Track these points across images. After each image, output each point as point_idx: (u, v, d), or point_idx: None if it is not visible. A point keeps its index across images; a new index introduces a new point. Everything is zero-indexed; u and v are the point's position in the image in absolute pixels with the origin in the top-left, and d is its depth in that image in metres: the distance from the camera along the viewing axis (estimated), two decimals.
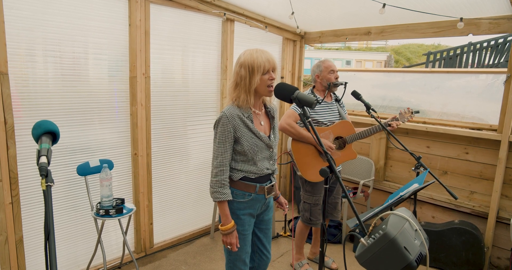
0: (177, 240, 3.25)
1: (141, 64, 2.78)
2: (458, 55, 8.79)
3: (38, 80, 2.31)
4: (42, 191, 0.79)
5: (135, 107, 2.78)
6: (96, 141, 2.63)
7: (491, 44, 8.29)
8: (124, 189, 2.85)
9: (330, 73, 2.61)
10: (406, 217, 1.29)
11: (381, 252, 1.21)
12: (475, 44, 8.49)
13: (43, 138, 0.91)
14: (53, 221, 0.77)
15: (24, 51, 2.23)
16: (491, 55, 8.33)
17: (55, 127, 0.95)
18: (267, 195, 1.88)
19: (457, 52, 8.81)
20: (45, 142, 0.89)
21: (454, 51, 8.94)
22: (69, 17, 2.37)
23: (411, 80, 4.02)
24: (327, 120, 2.63)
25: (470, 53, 8.60)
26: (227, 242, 1.76)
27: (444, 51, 9.32)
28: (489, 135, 2.86)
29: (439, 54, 9.30)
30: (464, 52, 8.69)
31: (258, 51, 1.74)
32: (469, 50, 8.55)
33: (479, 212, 3.00)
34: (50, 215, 0.77)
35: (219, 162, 1.74)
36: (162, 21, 2.90)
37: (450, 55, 8.99)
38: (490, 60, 8.28)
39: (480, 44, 8.42)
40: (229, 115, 1.71)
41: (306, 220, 2.66)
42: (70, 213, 2.55)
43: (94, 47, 2.54)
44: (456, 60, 8.80)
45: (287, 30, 3.93)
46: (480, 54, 8.47)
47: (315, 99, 1.61)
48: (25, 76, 2.25)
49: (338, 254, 3.13)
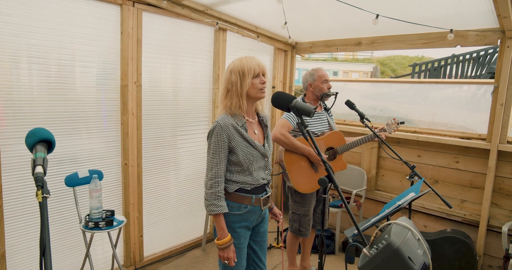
0: (168, 252, 3.16)
1: (132, 73, 2.73)
2: (442, 67, 9.04)
3: (23, 87, 2.24)
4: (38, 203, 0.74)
5: (126, 116, 2.73)
6: (84, 151, 2.56)
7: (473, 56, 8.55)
8: (114, 200, 2.76)
9: (323, 82, 2.61)
10: (409, 226, 1.28)
11: (385, 263, 1.19)
12: (458, 56, 8.75)
13: (38, 146, 0.86)
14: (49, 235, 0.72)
15: (12, 58, 2.17)
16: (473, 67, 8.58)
17: (50, 135, 0.90)
18: (263, 206, 1.84)
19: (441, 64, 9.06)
20: (40, 150, 0.85)
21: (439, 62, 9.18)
22: (58, 24, 2.32)
23: (398, 90, 4.08)
24: (318, 130, 2.62)
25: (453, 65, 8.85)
26: (224, 257, 1.70)
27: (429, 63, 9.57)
28: (478, 144, 2.91)
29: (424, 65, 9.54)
30: (448, 63, 8.94)
31: (247, 57, 1.73)
32: (452, 61, 8.81)
33: (470, 220, 3.02)
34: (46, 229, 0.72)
35: (213, 174, 1.69)
36: (155, 29, 2.88)
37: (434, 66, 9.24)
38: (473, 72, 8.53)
39: (463, 56, 8.68)
40: (223, 124, 1.68)
41: (295, 230, 2.62)
42: (57, 226, 2.45)
43: (83, 55, 2.49)
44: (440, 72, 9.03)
45: (279, 40, 3.96)
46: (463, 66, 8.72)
47: (314, 108, 1.60)
48: (9, 83, 2.17)
49: (331, 265, 3.10)
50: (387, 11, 2.73)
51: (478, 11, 2.61)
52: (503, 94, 2.75)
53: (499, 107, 2.77)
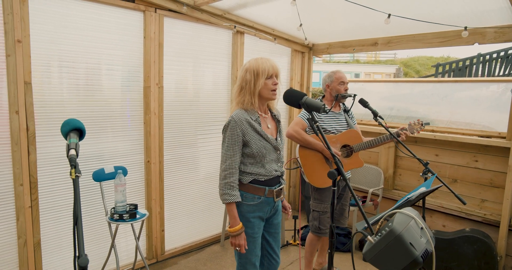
0: (188, 247, 3.29)
1: (154, 75, 2.89)
2: (468, 66, 8.78)
3: (56, 89, 2.44)
4: (72, 180, 0.86)
5: (149, 116, 2.89)
6: (110, 149, 2.73)
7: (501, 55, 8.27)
8: (138, 196, 2.92)
9: (340, 84, 2.66)
10: (412, 215, 1.33)
11: (387, 249, 1.24)
12: (484, 55, 8.48)
13: (71, 134, 1.00)
14: (80, 208, 0.84)
15: (46, 62, 2.37)
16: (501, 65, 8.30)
17: (81, 124, 1.04)
18: (276, 198, 1.92)
19: (466, 64, 8.81)
20: (73, 137, 0.98)
21: (463, 62, 8.94)
22: (86, 30, 2.51)
23: (419, 91, 4.04)
24: (333, 128, 2.67)
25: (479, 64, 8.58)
26: (236, 244, 1.80)
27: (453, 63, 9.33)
28: (498, 142, 2.86)
29: (448, 65, 9.31)
30: (473, 63, 8.68)
31: (263, 58, 1.84)
32: (478, 61, 8.55)
33: (491, 220, 2.97)
34: (78, 203, 0.84)
35: (228, 165, 1.80)
36: (175, 34, 3.03)
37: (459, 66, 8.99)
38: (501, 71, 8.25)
39: (489, 55, 8.41)
40: (238, 119, 1.79)
41: (315, 229, 2.66)
42: (85, 218, 2.63)
43: (109, 59, 2.67)
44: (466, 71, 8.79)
45: (296, 42, 4.04)
46: (489, 65, 8.44)
47: (323, 104, 1.68)
48: (46, 86, 2.38)
49: (348, 262, 3.12)
50: (401, 11, 2.76)
51: (495, 8, 2.59)
52: None
53: None
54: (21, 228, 2.28)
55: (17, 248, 2.29)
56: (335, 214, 2.75)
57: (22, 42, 2.21)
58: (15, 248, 2.29)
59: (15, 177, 2.24)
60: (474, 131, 3.14)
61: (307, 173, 2.53)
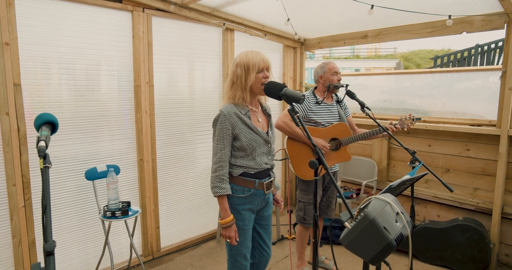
0: (184, 244, 3.32)
1: (144, 74, 2.92)
2: (466, 58, 8.74)
3: (49, 90, 2.48)
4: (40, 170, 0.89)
5: (140, 114, 2.92)
6: (103, 148, 2.77)
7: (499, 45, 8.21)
8: (131, 194, 2.96)
9: (333, 74, 2.66)
10: (388, 200, 1.34)
11: (362, 233, 1.26)
12: (482, 46, 8.43)
13: (43, 127, 1.04)
14: (49, 197, 0.87)
15: (36, 64, 2.41)
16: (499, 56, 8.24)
17: (53, 118, 1.07)
18: (266, 190, 1.94)
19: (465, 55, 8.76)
20: (45, 130, 1.02)
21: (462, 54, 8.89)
22: (76, 32, 2.55)
23: (418, 84, 4.00)
24: (325, 121, 2.67)
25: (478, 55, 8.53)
26: (226, 236, 1.82)
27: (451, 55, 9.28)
28: (488, 130, 2.86)
29: (446, 57, 9.27)
30: (471, 54, 8.64)
31: (253, 52, 1.85)
32: (476, 52, 8.50)
33: (484, 208, 2.97)
34: (47, 192, 0.87)
35: (218, 158, 1.82)
36: (165, 33, 3.06)
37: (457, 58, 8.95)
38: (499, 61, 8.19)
39: (487, 45, 8.36)
40: (227, 113, 1.81)
41: (300, 219, 2.68)
42: (80, 217, 2.67)
43: (100, 59, 2.70)
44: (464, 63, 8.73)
45: (287, 38, 4.05)
46: (488, 56, 8.39)
47: (302, 95, 1.69)
48: (36, 87, 2.42)
49: (342, 255, 3.14)
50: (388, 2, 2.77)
51: None
52: (511, 78, 2.71)
53: (508, 91, 2.72)
54: (15, 228, 2.32)
55: (12, 247, 2.33)
56: (322, 206, 2.80)
57: (10, 44, 2.24)
58: (10, 247, 2.33)
59: (7, 177, 2.28)
60: (465, 120, 3.14)
61: (294, 164, 2.55)
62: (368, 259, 1.28)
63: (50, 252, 0.80)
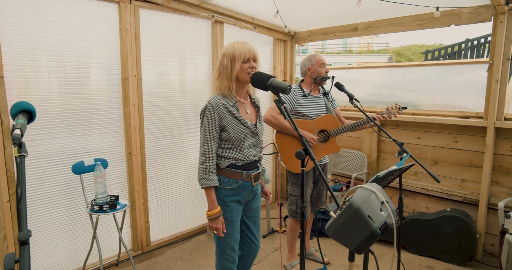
0: (174, 238, 3.31)
1: (132, 66, 2.88)
2: (456, 52, 8.80)
3: (37, 83, 2.43)
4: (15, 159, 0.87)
5: (128, 107, 2.88)
6: (92, 142, 2.72)
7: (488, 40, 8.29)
8: (120, 188, 2.93)
9: (321, 66, 2.66)
10: (373, 189, 1.34)
11: (347, 222, 1.26)
12: (472, 41, 8.51)
13: (19, 115, 1.01)
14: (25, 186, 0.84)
15: (24, 56, 2.35)
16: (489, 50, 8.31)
17: (30, 106, 1.04)
18: (254, 182, 1.93)
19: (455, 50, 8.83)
20: (21, 118, 0.99)
21: (452, 48, 8.95)
22: (62, 24, 2.49)
23: (410, 78, 4.03)
24: (313, 114, 2.67)
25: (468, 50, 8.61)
26: (213, 227, 1.81)
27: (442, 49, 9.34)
28: (476, 122, 2.89)
29: (437, 52, 9.32)
30: (462, 49, 8.70)
31: (239, 42, 1.83)
32: (466, 46, 8.57)
33: (471, 199, 3.01)
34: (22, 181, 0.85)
35: (205, 150, 1.81)
36: (154, 25, 3.02)
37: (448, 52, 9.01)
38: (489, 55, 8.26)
39: (477, 40, 8.44)
40: (214, 104, 1.79)
41: (293, 213, 2.69)
42: (69, 212, 2.63)
43: (86, 51, 2.65)
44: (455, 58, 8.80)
45: (277, 31, 4.03)
46: (478, 50, 8.47)
47: (288, 85, 1.68)
48: (26, 79, 2.37)
49: (332, 247, 3.15)
50: None
51: None
52: (498, 70, 2.73)
53: (495, 83, 2.75)
54: (0, 223, 2.29)
55: None
56: (312, 199, 2.80)
57: None
58: None
59: None
60: (453, 112, 3.17)
61: (284, 158, 2.55)
62: (353, 248, 1.28)
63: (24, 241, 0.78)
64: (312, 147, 2.56)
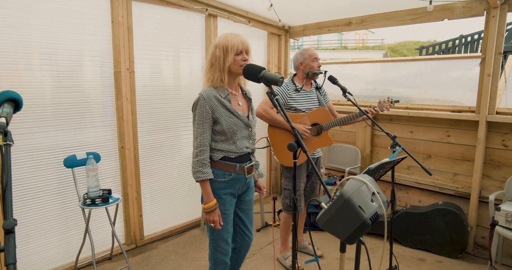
0: (167, 232, 3.30)
1: (125, 60, 2.85)
2: (450, 48, 8.85)
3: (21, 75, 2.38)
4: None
5: (120, 101, 2.86)
6: (84, 135, 2.70)
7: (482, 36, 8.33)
8: (113, 182, 2.91)
9: (313, 61, 2.66)
10: (364, 180, 1.35)
11: (338, 213, 1.26)
12: (466, 37, 8.55)
13: (5, 104, 0.99)
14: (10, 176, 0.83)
15: (14, 48, 2.31)
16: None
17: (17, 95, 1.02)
18: (247, 174, 1.93)
19: (449, 46, 8.87)
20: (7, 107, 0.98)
21: (446, 44, 9.00)
22: (53, 15, 2.45)
23: (404, 74, 4.04)
24: (305, 108, 2.67)
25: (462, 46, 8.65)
26: (210, 220, 1.81)
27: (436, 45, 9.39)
28: (468, 116, 2.91)
29: (431, 48, 9.36)
30: (456, 45, 8.75)
31: (232, 34, 1.82)
32: (460, 42, 8.61)
33: (463, 193, 3.04)
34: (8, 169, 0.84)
35: (199, 143, 1.80)
36: (147, 18, 2.99)
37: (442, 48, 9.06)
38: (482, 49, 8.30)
39: (471, 36, 8.49)
40: (206, 96, 1.78)
41: (286, 207, 2.69)
42: (62, 206, 2.61)
43: (81, 44, 2.61)
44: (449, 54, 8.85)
45: (271, 25, 4.01)
46: (472, 46, 8.52)
47: (281, 77, 1.67)
48: (17, 72, 2.34)
49: (325, 240, 3.17)
50: None
51: None
52: (490, 64, 2.74)
53: (487, 78, 2.76)
54: None
55: None
56: (306, 192, 2.81)
57: None
58: None
59: None
60: (446, 107, 3.18)
61: (277, 152, 2.54)
62: (344, 238, 1.29)
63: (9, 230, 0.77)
64: (305, 140, 2.57)
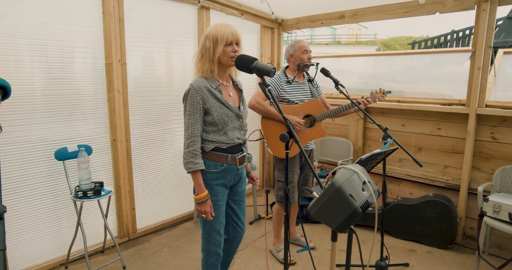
0: (160, 225, 3.30)
1: (116, 51, 2.82)
2: (442, 43, 8.91)
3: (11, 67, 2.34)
4: None
5: (112, 93, 2.83)
6: (76, 128, 2.67)
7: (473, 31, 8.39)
8: (105, 174, 2.90)
9: (303, 53, 2.66)
10: (355, 169, 1.36)
11: (329, 201, 1.27)
12: (457, 32, 8.61)
13: None
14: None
15: (2, 39, 2.26)
16: None
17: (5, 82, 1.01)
18: (239, 165, 1.93)
19: (441, 41, 8.93)
20: None
21: (438, 39, 9.05)
22: (44, 5, 2.41)
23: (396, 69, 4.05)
24: (298, 99, 2.68)
25: (453, 41, 8.71)
26: (202, 211, 1.81)
27: (429, 40, 9.43)
28: (458, 109, 2.94)
29: (423, 43, 9.41)
30: (447, 40, 8.81)
31: (222, 25, 1.81)
32: (452, 38, 8.67)
33: (453, 185, 3.08)
34: None
35: (190, 133, 1.79)
36: (139, 9, 2.95)
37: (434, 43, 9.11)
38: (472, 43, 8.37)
39: (462, 31, 8.55)
40: (197, 87, 1.78)
41: (280, 199, 2.70)
42: (53, 199, 2.59)
43: (72, 35, 2.57)
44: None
45: (264, 18, 3.99)
46: (463, 41, 8.58)
47: (273, 68, 1.67)
48: (6, 63, 2.29)
49: (318, 233, 3.20)
50: None
51: None
52: (480, 58, 2.77)
53: (477, 71, 2.79)
54: None
55: None
56: (299, 184, 2.82)
57: None
58: None
59: None
60: (437, 100, 3.22)
61: (270, 144, 2.55)
62: (335, 227, 1.30)
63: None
64: (298, 132, 2.58)
